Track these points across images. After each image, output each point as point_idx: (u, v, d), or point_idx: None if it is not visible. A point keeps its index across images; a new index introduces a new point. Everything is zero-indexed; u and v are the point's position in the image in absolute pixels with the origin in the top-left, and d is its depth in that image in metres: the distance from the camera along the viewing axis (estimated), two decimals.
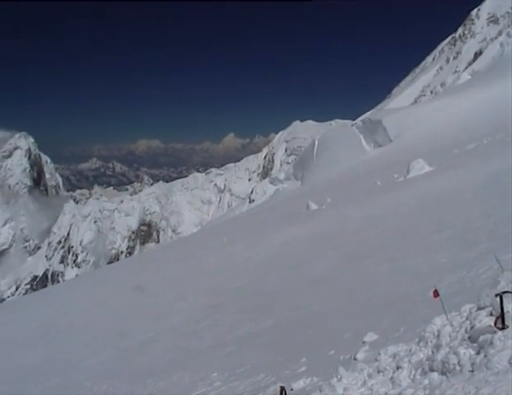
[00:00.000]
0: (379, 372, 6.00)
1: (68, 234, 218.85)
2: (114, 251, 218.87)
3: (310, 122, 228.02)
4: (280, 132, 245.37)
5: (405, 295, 10.06)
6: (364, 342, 7.92)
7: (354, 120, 78.49)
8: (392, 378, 5.66)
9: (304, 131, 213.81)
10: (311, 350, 8.92)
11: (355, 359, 7.33)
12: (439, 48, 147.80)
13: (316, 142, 68.75)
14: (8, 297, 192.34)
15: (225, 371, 9.36)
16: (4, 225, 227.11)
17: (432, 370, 5.23)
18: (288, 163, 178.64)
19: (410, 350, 5.96)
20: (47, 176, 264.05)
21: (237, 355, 10.28)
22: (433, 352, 5.53)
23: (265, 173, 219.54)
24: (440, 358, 5.21)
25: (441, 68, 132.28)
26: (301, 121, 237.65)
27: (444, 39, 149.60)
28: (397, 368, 5.76)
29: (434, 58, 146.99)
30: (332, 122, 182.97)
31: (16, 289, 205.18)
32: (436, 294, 6.36)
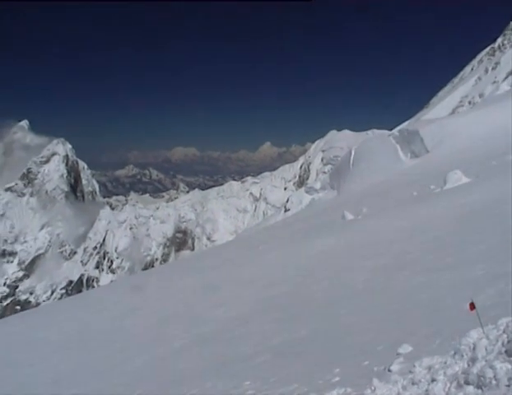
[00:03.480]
0: (413, 384, 5.96)
1: (104, 240, 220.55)
2: (148, 258, 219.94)
3: (347, 131, 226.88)
4: (316, 142, 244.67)
5: (440, 307, 9.99)
6: (398, 354, 7.85)
7: (391, 130, 78.11)
8: (426, 390, 5.63)
9: (340, 140, 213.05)
10: (345, 360, 8.87)
11: (389, 370, 7.27)
12: (478, 58, 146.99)
13: (352, 152, 68.42)
14: (44, 301, 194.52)
15: (258, 380, 9.33)
16: (41, 229, 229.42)
17: (468, 384, 5.19)
18: (324, 172, 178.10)
19: (445, 363, 5.92)
20: (84, 182, 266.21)
21: (271, 364, 10.25)
22: (469, 365, 5.48)
23: (301, 182, 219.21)
24: (476, 371, 5.16)
25: (480, 79, 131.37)
26: (338, 130, 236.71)
27: (482, 50, 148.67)
28: (432, 380, 5.72)
29: (472, 69, 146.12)
30: (369, 131, 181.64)
31: (52, 293, 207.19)
32: (472, 306, 6.32)
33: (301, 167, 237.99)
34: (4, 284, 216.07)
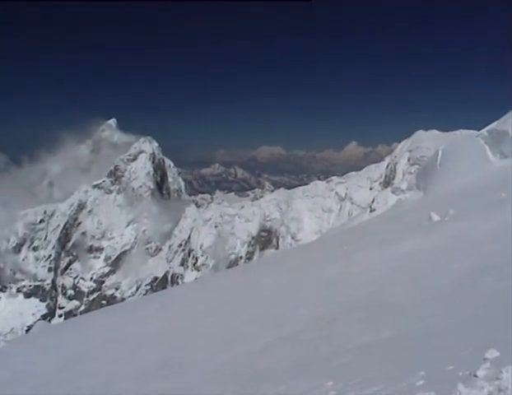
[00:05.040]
0: (500, 391, 5.81)
1: (189, 237, 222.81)
2: (233, 256, 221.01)
3: (434, 131, 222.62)
4: (403, 142, 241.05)
5: None
6: (485, 359, 7.65)
7: (479, 130, 76.55)
8: None
9: (427, 140, 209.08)
10: (429, 364, 8.71)
11: (475, 376, 7.09)
12: None
13: (440, 152, 67.28)
14: (129, 297, 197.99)
15: (340, 381, 9.24)
16: (127, 226, 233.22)
17: None
18: (411, 173, 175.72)
19: None
20: (170, 180, 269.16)
21: (353, 366, 10.14)
22: None
23: (387, 182, 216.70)
24: None
25: None
26: (425, 130, 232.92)
27: None
28: None
29: None
30: (457, 132, 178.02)
31: (137, 289, 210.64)
32: None
33: (387, 167, 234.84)
34: (91, 279, 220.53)
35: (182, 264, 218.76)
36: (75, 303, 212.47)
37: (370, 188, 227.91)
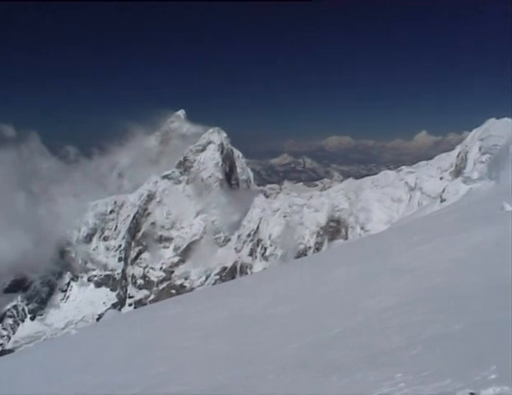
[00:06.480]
0: None
1: (258, 227, 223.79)
2: (301, 246, 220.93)
3: (507, 119, 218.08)
4: (474, 130, 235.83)
5: None
6: None
7: None
8: None
9: (499, 129, 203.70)
10: (502, 357, 8.53)
11: None
12: None
13: None
14: (198, 286, 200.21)
15: (410, 373, 9.11)
16: (196, 216, 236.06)
17: None
18: (482, 162, 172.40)
19: None
20: (238, 170, 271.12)
21: (424, 358, 9.99)
22: None
23: (457, 172, 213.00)
24: None
25: None
26: (497, 118, 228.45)
27: None
28: None
29: None
30: None
31: (206, 279, 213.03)
32: None
33: (458, 156, 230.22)
34: (160, 268, 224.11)
35: (250, 254, 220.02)
36: (144, 292, 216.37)
37: (441, 178, 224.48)
